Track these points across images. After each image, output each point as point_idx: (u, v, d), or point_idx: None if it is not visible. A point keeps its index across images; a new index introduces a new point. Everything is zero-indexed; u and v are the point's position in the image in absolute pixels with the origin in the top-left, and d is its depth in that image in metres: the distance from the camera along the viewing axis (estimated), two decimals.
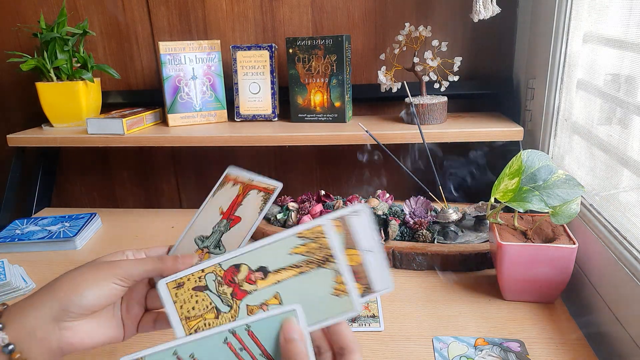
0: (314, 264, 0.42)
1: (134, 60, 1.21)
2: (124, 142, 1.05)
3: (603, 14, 0.75)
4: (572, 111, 0.85)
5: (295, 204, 1.00)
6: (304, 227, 0.42)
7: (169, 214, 1.17)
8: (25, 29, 1.19)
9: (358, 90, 1.12)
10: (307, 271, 0.42)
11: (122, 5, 1.17)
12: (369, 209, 0.43)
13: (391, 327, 0.68)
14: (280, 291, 0.42)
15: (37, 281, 0.85)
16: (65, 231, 1.01)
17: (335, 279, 0.41)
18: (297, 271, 0.42)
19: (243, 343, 0.39)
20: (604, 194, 0.73)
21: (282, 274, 0.42)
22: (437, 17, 1.09)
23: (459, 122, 1.03)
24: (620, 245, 0.63)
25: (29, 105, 1.25)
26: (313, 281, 0.42)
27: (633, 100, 0.66)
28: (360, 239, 0.42)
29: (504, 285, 0.72)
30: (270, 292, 0.42)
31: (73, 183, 1.36)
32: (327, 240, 0.41)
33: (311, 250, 0.42)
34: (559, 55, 0.84)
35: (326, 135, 1.00)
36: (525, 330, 0.66)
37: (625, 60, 0.68)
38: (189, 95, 1.11)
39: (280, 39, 1.14)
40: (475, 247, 0.83)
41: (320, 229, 0.41)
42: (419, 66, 1.01)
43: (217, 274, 0.43)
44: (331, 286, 0.41)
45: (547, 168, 0.69)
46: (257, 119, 1.13)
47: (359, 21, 1.12)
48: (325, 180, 1.26)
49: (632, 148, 0.66)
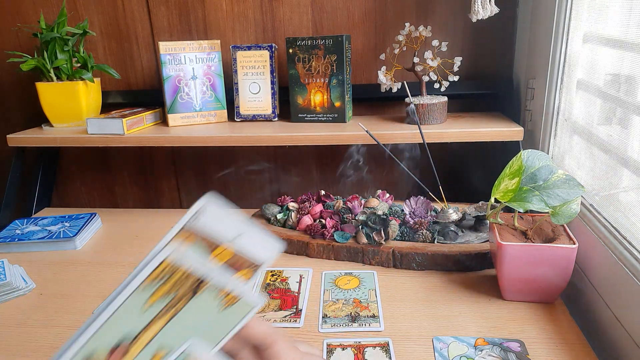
0: (183, 299, 0.34)
1: (134, 60, 1.21)
2: (124, 142, 1.05)
3: (603, 14, 0.75)
4: (572, 111, 0.85)
5: (295, 204, 1.00)
6: (147, 272, 0.32)
7: (169, 214, 1.17)
8: (25, 29, 1.18)
9: (358, 90, 1.12)
10: (182, 307, 0.34)
11: (122, 5, 1.17)
12: (211, 197, 0.35)
13: (391, 327, 0.68)
14: (162, 344, 0.35)
15: (37, 281, 0.85)
16: (65, 231, 1.01)
17: (219, 294, 0.35)
18: (169, 315, 0.34)
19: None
20: (604, 194, 0.73)
21: (152, 329, 0.34)
22: (437, 17, 1.09)
23: (459, 122, 1.02)
24: (620, 245, 0.63)
25: (29, 105, 1.25)
26: (193, 313, 0.35)
27: (633, 100, 0.66)
28: (222, 231, 0.35)
29: (504, 285, 0.72)
30: (148, 354, 0.34)
31: (73, 183, 1.36)
32: (184, 268, 0.33)
33: (175, 285, 0.33)
34: (559, 55, 0.84)
35: (326, 135, 1.00)
36: (525, 330, 0.66)
37: (625, 60, 0.68)
38: (189, 95, 1.10)
39: (280, 39, 1.14)
40: (475, 247, 0.83)
41: (168, 262, 0.32)
42: (419, 66, 1.01)
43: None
44: (218, 303, 0.35)
45: (547, 168, 0.69)
46: (257, 119, 1.13)
47: (359, 21, 1.12)
48: (325, 180, 1.26)
49: (632, 148, 0.66)
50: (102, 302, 0.33)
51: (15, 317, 0.75)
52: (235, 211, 0.36)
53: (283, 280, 0.82)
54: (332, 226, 0.91)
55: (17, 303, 0.79)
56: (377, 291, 0.78)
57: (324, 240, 0.89)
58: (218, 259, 0.35)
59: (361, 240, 0.87)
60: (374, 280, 0.81)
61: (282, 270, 0.85)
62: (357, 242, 0.88)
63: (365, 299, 0.75)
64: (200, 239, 0.35)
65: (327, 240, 0.89)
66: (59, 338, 0.69)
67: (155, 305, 0.33)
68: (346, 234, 0.89)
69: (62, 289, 0.83)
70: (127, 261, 0.92)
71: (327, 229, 0.90)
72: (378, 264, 0.86)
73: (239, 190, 1.30)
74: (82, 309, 0.77)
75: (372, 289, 0.78)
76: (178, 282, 0.33)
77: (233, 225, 0.36)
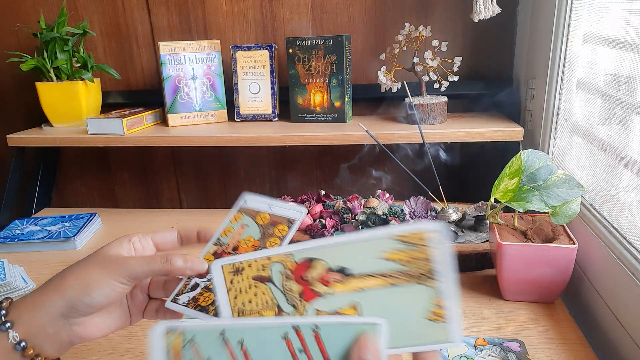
0: (412, 278, 0.34)
1: (134, 60, 1.21)
2: (124, 142, 1.05)
3: (603, 14, 0.75)
4: (572, 111, 0.85)
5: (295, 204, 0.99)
6: (406, 230, 0.34)
7: (169, 214, 1.16)
8: (25, 29, 1.18)
9: (358, 90, 1.12)
10: (401, 284, 0.34)
11: (122, 5, 1.17)
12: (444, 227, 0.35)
13: None
14: (361, 301, 0.35)
15: (37, 281, 0.85)
16: (65, 231, 1.01)
17: (434, 301, 0.34)
18: (387, 282, 0.34)
19: (305, 344, 0.32)
20: (604, 194, 0.73)
21: (368, 281, 0.35)
22: (437, 17, 1.09)
23: (459, 122, 1.02)
24: (620, 245, 0.63)
25: (29, 105, 1.25)
26: (406, 298, 0.34)
27: (633, 100, 0.66)
28: (259, 206, 0.39)
29: (504, 285, 0.72)
30: (347, 299, 0.35)
31: (73, 183, 1.36)
32: (432, 252, 0.34)
33: (412, 260, 0.34)
34: (559, 55, 0.84)
35: (326, 135, 1.00)
36: (525, 330, 0.66)
37: (625, 60, 0.68)
38: (189, 95, 1.10)
39: (280, 39, 1.14)
40: (475, 247, 0.83)
41: (426, 235, 0.34)
42: (419, 66, 1.01)
43: (285, 265, 0.36)
44: (427, 308, 0.34)
45: (547, 168, 0.69)
46: (257, 119, 1.13)
47: (359, 21, 1.12)
48: (325, 180, 1.26)
49: (632, 148, 0.66)
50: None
51: None
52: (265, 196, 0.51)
53: None
54: (332, 226, 0.91)
55: None
56: None
57: None
58: (261, 219, 0.47)
59: None
60: None
61: None
62: None
63: None
64: (247, 211, 0.49)
65: None
66: None
67: (388, 263, 0.34)
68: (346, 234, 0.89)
69: None
70: None
71: (327, 229, 0.90)
72: None
73: (239, 190, 1.30)
74: None
75: None
76: (418, 259, 0.34)
77: (266, 201, 0.50)
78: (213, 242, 0.50)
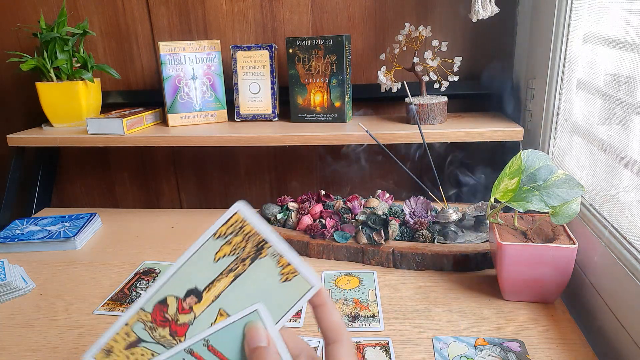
0: (247, 259, 0.36)
1: (134, 60, 1.21)
2: (124, 142, 1.05)
3: (603, 14, 0.75)
4: (572, 111, 0.85)
5: (295, 204, 1.00)
6: (218, 224, 0.36)
7: (169, 214, 1.16)
8: (25, 29, 1.19)
9: (358, 90, 1.12)
10: (244, 270, 0.36)
11: (122, 5, 1.17)
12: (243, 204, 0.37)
13: (391, 327, 0.68)
14: (223, 305, 0.36)
15: (37, 281, 0.85)
16: (65, 231, 1.01)
17: (278, 264, 0.36)
18: (232, 275, 0.36)
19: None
20: (604, 194, 0.73)
21: (217, 286, 0.36)
22: (437, 17, 1.09)
23: (459, 122, 1.03)
24: (620, 245, 0.63)
25: (29, 105, 1.25)
26: (255, 278, 0.36)
27: (633, 100, 0.66)
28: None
29: (504, 285, 0.72)
30: (212, 312, 0.36)
31: (73, 183, 1.36)
32: (250, 226, 0.36)
33: (237, 246, 0.36)
34: (559, 55, 0.84)
35: (326, 135, 1.00)
36: (525, 330, 0.66)
37: (625, 60, 0.68)
38: (189, 95, 1.10)
39: (280, 39, 1.14)
40: (475, 247, 0.83)
41: (238, 216, 0.36)
42: (419, 66, 1.01)
43: (144, 320, 0.37)
44: (278, 272, 0.36)
45: (547, 168, 0.69)
46: (257, 119, 1.13)
47: (359, 21, 1.12)
48: (325, 180, 1.26)
49: (632, 148, 0.66)
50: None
51: (15, 317, 0.75)
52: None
53: None
54: (332, 226, 0.91)
55: (17, 303, 0.79)
56: (377, 291, 0.78)
57: (324, 240, 0.89)
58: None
59: (361, 240, 0.87)
60: (374, 280, 0.81)
61: None
62: (357, 242, 0.88)
63: (365, 299, 0.75)
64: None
65: (327, 240, 0.89)
66: (59, 338, 0.69)
67: (225, 259, 0.36)
68: (346, 234, 0.89)
69: (62, 289, 0.83)
70: (127, 261, 0.91)
71: (327, 229, 0.90)
72: (378, 264, 0.86)
73: (239, 190, 1.30)
74: (82, 309, 0.77)
75: (372, 289, 0.78)
76: (246, 238, 0.36)
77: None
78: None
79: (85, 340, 0.68)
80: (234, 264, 0.36)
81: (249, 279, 0.36)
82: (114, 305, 0.77)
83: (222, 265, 0.36)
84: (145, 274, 0.86)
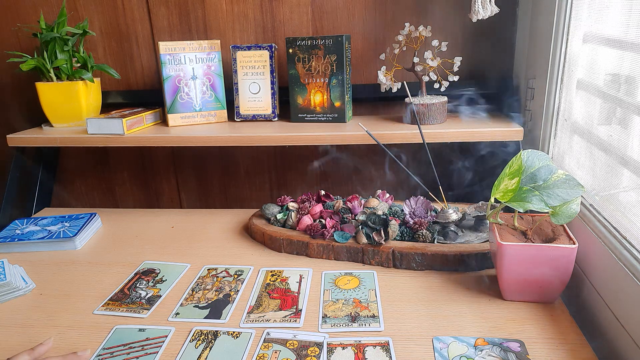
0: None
1: (134, 60, 1.21)
2: (124, 142, 1.05)
3: (603, 14, 0.75)
4: (572, 111, 0.85)
5: (295, 204, 1.00)
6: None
7: (169, 214, 1.16)
8: (25, 29, 1.19)
9: (358, 90, 1.12)
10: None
11: (122, 5, 1.17)
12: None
13: (391, 327, 0.68)
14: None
15: (37, 281, 0.85)
16: (65, 231, 1.01)
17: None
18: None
19: None
20: (604, 194, 0.73)
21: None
22: (437, 17, 1.09)
23: (459, 122, 1.02)
24: (620, 245, 0.63)
25: (29, 105, 1.25)
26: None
27: (633, 100, 0.66)
28: None
29: (504, 285, 0.72)
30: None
31: (73, 183, 1.36)
32: None
33: None
34: (559, 55, 0.84)
35: (326, 135, 1.00)
36: (525, 330, 0.66)
37: (625, 60, 0.68)
38: (189, 95, 1.11)
39: (280, 39, 1.14)
40: (475, 247, 0.83)
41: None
42: (419, 66, 1.01)
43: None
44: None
45: (547, 168, 0.69)
46: (257, 119, 1.13)
47: (359, 21, 1.12)
48: (325, 180, 1.26)
49: (632, 148, 0.66)
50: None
51: (15, 317, 0.75)
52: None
53: (283, 280, 0.82)
54: (332, 226, 0.91)
55: (17, 303, 0.79)
56: (377, 291, 0.78)
57: (324, 240, 0.89)
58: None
59: (361, 240, 0.87)
60: (374, 280, 0.81)
61: (282, 270, 0.85)
62: (357, 242, 0.88)
63: (365, 299, 0.75)
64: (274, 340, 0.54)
65: (327, 240, 0.89)
66: (59, 338, 0.69)
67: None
68: (346, 234, 0.89)
69: (62, 289, 0.83)
70: (127, 261, 0.92)
71: (327, 229, 0.90)
72: (378, 264, 0.86)
73: (239, 190, 1.30)
74: (82, 309, 0.77)
75: (372, 289, 0.78)
76: None
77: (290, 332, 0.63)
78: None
79: (85, 340, 0.68)
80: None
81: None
82: (114, 305, 0.77)
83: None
84: (145, 274, 0.86)
